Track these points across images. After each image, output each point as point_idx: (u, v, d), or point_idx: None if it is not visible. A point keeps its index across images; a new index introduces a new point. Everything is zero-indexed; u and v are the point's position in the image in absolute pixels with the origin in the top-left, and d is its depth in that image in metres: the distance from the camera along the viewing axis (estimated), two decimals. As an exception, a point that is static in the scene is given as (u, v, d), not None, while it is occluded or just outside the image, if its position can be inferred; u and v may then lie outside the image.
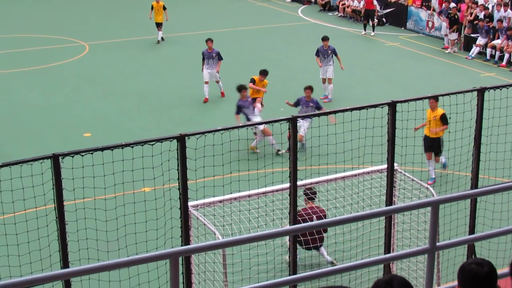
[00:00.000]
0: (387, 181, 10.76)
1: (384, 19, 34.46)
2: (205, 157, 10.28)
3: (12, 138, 19.04)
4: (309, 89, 18.27)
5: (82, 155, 8.77)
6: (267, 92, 20.18)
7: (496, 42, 27.94)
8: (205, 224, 10.63)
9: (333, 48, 22.41)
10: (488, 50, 28.08)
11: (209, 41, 22.55)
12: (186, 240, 9.56)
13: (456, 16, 29.40)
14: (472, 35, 29.50)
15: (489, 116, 11.80)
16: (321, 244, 12.74)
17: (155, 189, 11.43)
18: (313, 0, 39.43)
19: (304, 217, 12.17)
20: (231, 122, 18.28)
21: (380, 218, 11.34)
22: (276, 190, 11.28)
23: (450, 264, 11.23)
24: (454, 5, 30.13)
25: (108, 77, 24.90)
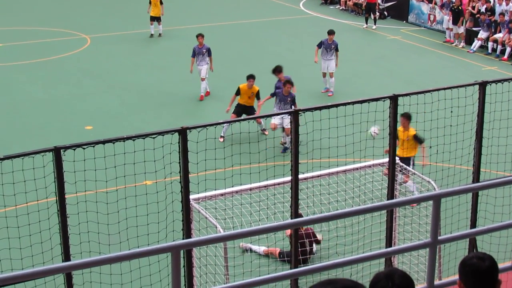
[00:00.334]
0: (389, 175, 10.77)
1: (386, 13, 34.40)
2: (207, 150, 10.28)
3: (14, 131, 19.04)
4: (290, 84, 18.13)
5: (84, 148, 8.78)
6: (267, 84, 19.92)
7: (498, 36, 27.90)
8: (207, 218, 10.64)
9: (337, 44, 22.30)
10: (490, 44, 28.03)
11: (200, 37, 21.85)
12: (188, 234, 9.58)
13: (460, 8, 29.32)
14: (474, 29, 29.45)
15: (491, 110, 11.79)
16: (310, 257, 12.75)
17: (157, 182, 11.44)
18: (315, -7, 39.35)
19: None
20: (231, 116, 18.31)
21: (382, 212, 11.35)
22: (278, 184, 11.28)
23: (452, 258, 11.23)
24: (456, -2, 30.07)
25: (110, 70, 24.88)
